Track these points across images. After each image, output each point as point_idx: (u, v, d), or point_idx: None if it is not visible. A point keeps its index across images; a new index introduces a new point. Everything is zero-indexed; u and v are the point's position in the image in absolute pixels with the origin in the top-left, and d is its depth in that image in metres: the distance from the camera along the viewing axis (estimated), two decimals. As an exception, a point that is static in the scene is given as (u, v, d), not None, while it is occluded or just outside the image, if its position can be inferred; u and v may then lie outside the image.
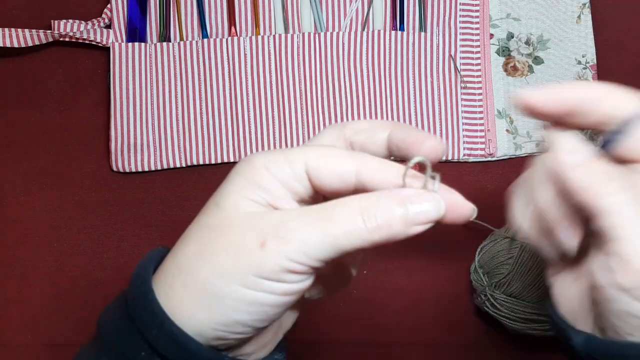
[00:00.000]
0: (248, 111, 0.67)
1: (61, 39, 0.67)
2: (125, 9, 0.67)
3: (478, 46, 0.68)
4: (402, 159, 0.36)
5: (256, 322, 0.34)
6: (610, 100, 0.36)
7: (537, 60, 0.68)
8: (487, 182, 0.68)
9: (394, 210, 0.33)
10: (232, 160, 0.67)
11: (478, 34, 0.69)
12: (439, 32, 0.68)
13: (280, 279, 0.33)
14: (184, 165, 0.67)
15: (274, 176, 0.34)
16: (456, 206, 0.34)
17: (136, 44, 0.67)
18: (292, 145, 0.67)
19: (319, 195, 0.35)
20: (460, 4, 0.68)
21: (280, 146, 0.67)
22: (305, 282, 0.34)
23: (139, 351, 0.34)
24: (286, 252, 0.32)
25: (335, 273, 0.39)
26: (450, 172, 0.66)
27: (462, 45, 0.68)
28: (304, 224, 0.32)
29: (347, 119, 0.67)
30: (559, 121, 0.37)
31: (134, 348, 0.34)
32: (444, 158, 0.67)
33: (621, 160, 0.36)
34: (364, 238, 0.32)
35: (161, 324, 0.33)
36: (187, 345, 0.33)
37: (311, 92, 0.67)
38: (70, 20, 0.67)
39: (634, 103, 0.36)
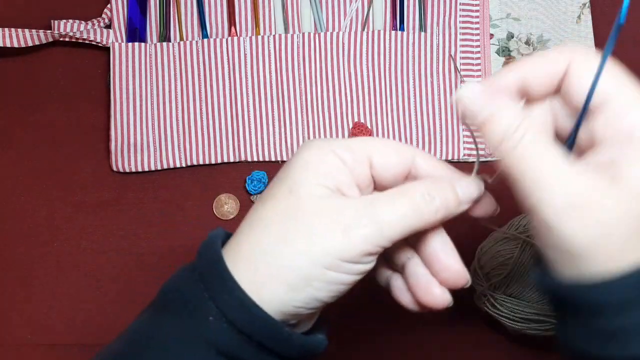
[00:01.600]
0: (248, 111, 0.67)
1: (61, 39, 0.67)
2: (125, 9, 0.67)
3: (478, 46, 0.68)
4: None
5: (331, 298, 0.38)
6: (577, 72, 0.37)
7: (537, 60, 0.68)
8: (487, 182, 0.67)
9: (448, 193, 0.39)
10: (232, 160, 0.67)
11: (478, 34, 0.69)
12: (439, 32, 0.68)
13: (359, 261, 0.37)
14: (184, 165, 0.67)
15: (342, 161, 0.38)
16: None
17: (136, 44, 0.67)
18: (292, 145, 0.67)
19: (370, 190, 0.40)
20: (460, 4, 0.68)
21: (281, 146, 0.67)
22: (374, 262, 0.38)
23: (207, 315, 0.36)
24: (366, 237, 0.36)
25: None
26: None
27: (462, 45, 0.68)
28: (378, 209, 0.37)
29: (347, 119, 0.67)
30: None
31: (202, 312, 0.36)
32: (444, 158, 0.67)
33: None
34: (428, 217, 0.38)
35: (232, 291, 0.36)
36: (255, 312, 0.36)
37: (311, 92, 0.67)
38: (70, 20, 0.67)
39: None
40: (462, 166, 0.67)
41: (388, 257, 0.42)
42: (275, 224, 0.37)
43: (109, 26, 0.68)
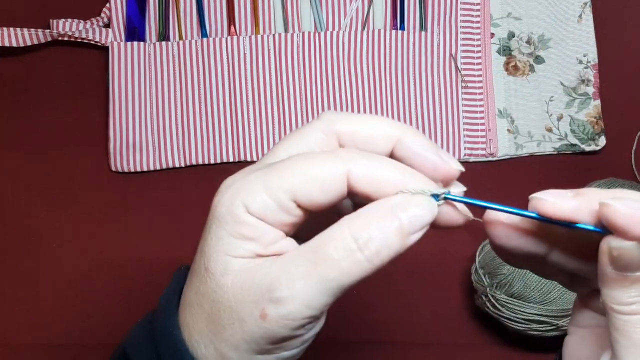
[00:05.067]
0: (248, 111, 0.67)
1: (60, 39, 0.67)
2: (124, 8, 0.67)
3: (479, 45, 0.68)
4: None
5: None
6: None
7: (538, 60, 0.68)
8: (488, 182, 0.67)
9: (388, 227, 0.30)
10: (231, 160, 0.66)
11: (479, 33, 0.68)
12: (439, 31, 0.68)
13: (293, 336, 0.31)
14: (183, 165, 0.66)
15: (258, 219, 0.31)
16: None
17: (135, 43, 0.66)
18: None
19: (307, 212, 0.33)
20: (461, 2, 0.68)
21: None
22: (320, 324, 0.32)
23: None
24: (287, 315, 0.30)
25: None
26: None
27: (463, 45, 0.68)
28: (297, 278, 0.30)
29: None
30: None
31: None
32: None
33: None
34: (365, 268, 0.30)
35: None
36: None
37: (311, 92, 0.67)
38: (69, 20, 0.67)
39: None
40: (463, 166, 0.67)
41: None
42: (199, 311, 0.33)
43: (107, 25, 0.67)
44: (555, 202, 0.30)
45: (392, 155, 0.33)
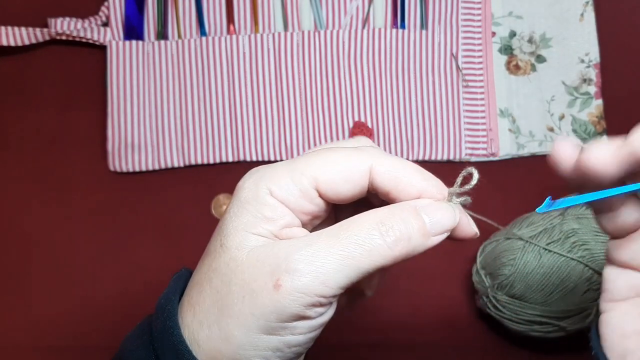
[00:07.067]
0: (247, 110, 0.66)
1: (58, 38, 0.66)
2: (123, 6, 0.66)
3: (480, 44, 0.68)
4: None
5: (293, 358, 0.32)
6: None
7: (540, 59, 0.68)
8: (490, 182, 0.67)
9: (411, 221, 0.32)
10: (230, 160, 0.66)
11: (480, 32, 0.68)
12: (440, 30, 0.67)
13: (304, 316, 0.31)
14: (182, 165, 0.66)
15: (280, 202, 0.32)
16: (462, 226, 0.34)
17: (133, 42, 0.66)
18: (291, 144, 0.66)
19: (329, 207, 0.34)
20: (462, 1, 0.68)
21: (280, 146, 0.66)
22: (330, 312, 0.32)
23: None
24: (302, 288, 0.30)
25: (348, 297, 0.37)
26: (451, 172, 0.65)
27: (464, 44, 0.68)
28: (316, 251, 0.30)
29: (347, 118, 0.66)
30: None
31: None
32: (445, 158, 0.66)
33: None
34: (384, 255, 0.31)
35: None
36: None
37: (311, 91, 0.66)
38: (67, 18, 0.66)
39: None
40: (464, 166, 0.67)
41: None
42: (208, 287, 0.32)
43: (106, 24, 0.67)
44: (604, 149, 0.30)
45: None
